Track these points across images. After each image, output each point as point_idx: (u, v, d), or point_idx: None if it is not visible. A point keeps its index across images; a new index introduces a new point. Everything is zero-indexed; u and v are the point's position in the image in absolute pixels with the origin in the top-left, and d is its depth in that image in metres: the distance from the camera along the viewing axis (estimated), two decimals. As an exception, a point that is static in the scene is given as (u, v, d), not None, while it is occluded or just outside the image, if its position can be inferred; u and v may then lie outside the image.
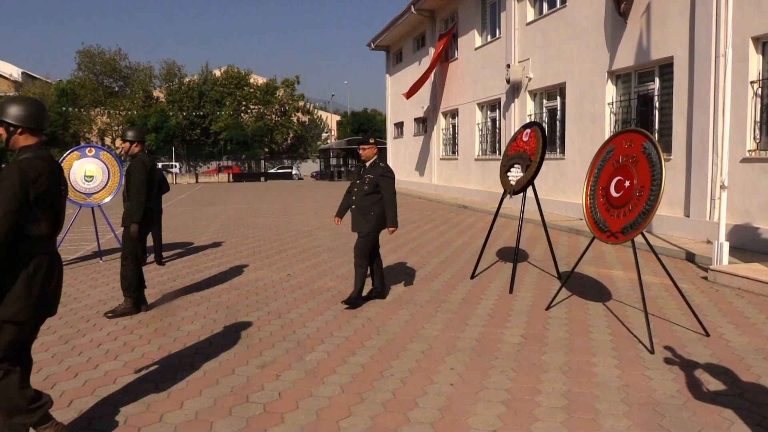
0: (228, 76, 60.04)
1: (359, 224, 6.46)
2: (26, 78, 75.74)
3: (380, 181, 6.36)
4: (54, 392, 4.22)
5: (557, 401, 3.96)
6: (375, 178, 6.33)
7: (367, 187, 6.34)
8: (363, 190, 6.33)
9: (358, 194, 6.36)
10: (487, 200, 18.79)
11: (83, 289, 7.65)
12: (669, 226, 10.83)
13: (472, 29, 20.50)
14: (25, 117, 3.12)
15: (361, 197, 6.36)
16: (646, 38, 11.57)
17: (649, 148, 5.36)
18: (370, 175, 6.36)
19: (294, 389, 4.23)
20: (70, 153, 9.71)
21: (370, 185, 6.34)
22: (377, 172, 6.38)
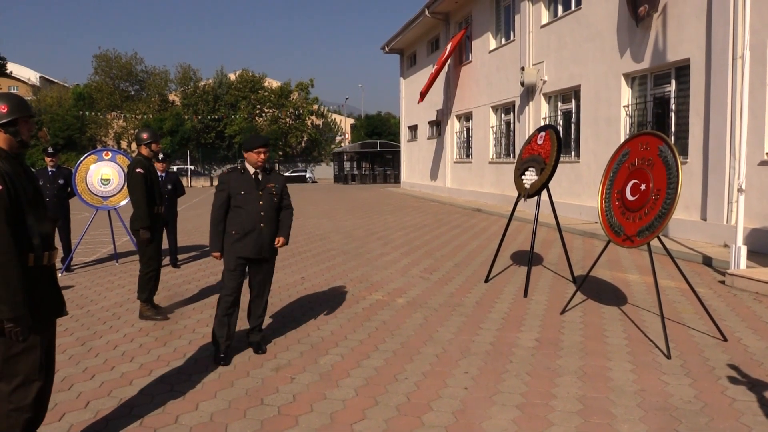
0: (243, 79, 60.37)
1: (269, 247, 5.17)
2: (44, 82, 76.70)
3: (285, 190, 5.33)
4: (71, 393, 4.26)
5: (572, 406, 3.93)
6: (281, 187, 5.23)
7: (276, 198, 5.17)
8: (272, 202, 5.14)
9: (266, 208, 5.08)
10: (501, 203, 18.73)
11: (99, 291, 7.72)
12: (686, 230, 10.73)
13: (487, 32, 20.46)
14: None
15: (271, 212, 5.13)
16: (662, 40, 11.49)
17: (666, 151, 5.32)
18: (274, 183, 5.18)
19: (308, 392, 4.24)
20: (87, 156, 9.81)
21: (278, 196, 5.20)
22: (281, 180, 5.29)
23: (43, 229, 3.04)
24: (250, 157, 5.06)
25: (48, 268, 3.09)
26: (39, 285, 3.02)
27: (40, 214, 3.05)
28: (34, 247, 2.98)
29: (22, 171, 3.03)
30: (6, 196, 2.85)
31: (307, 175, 53.28)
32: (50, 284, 3.12)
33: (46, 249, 3.05)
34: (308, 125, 62.41)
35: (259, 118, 60.02)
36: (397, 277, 8.25)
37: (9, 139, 3.04)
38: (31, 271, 2.97)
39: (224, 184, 5.00)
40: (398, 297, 7.09)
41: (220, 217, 5.00)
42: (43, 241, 3.03)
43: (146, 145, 6.60)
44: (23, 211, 2.93)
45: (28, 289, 2.91)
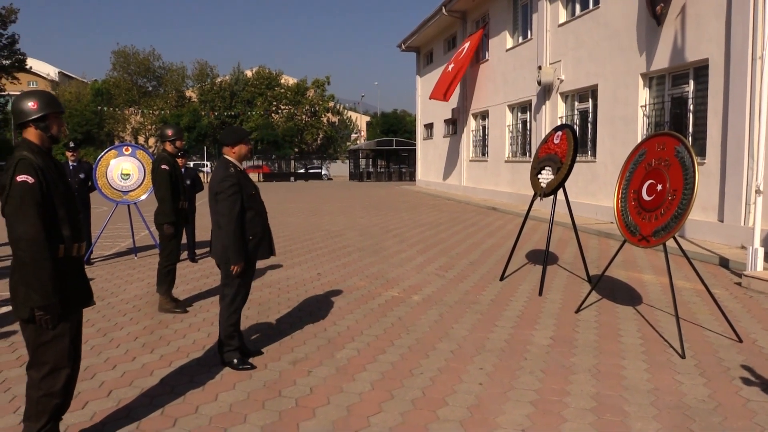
0: (259, 76, 60.70)
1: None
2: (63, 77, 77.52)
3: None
4: (94, 382, 4.37)
5: (586, 403, 3.97)
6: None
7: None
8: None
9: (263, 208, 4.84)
10: (516, 202, 18.71)
11: (119, 284, 7.86)
12: (703, 231, 10.68)
13: (504, 30, 20.43)
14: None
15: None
16: (681, 40, 11.43)
17: (682, 151, 5.33)
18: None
19: (325, 385, 4.31)
20: (108, 152, 9.97)
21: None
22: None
23: (73, 221, 3.14)
24: (241, 150, 4.69)
25: (77, 259, 3.20)
26: (68, 275, 3.12)
27: (71, 207, 3.14)
28: (64, 239, 3.07)
29: (53, 165, 3.13)
30: (38, 188, 2.95)
31: (323, 172, 53.40)
32: (79, 275, 3.22)
33: (75, 241, 3.15)
34: (324, 122, 62.63)
35: (276, 114, 60.30)
36: (413, 274, 8.31)
37: (40, 135, 3.14)
38: (61, 262, 3.07)
39: (238, 185, 4.54)
40: (414, 294, 7.15)
41: (240, 225, 4.52)
42: (73, 233, 3.13)
43: (171, 141, 6.71)
44: (54, 203, 3.03)
45: (58, 279, 3.01)
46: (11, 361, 4.85)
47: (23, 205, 2.91)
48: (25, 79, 60.60)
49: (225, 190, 4.50)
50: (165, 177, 6.45)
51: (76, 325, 3.23)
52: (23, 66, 47.03)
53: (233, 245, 4.49)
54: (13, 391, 4.21)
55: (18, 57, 45.58)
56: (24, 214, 2.91)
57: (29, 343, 3.08)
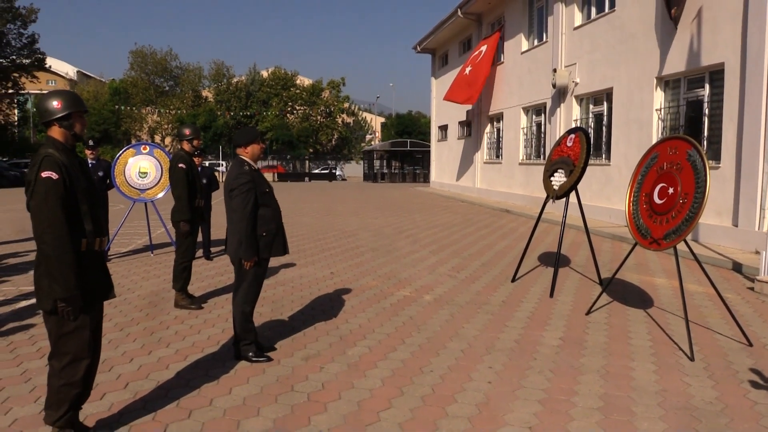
0: (275, 77, 61.04)
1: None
2: (81, 77, 78.40)
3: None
4: (111, 374, 4.48)
5: (593, 402, 4.02)
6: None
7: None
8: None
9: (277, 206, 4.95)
10: (530, 205, 18.71)
11: (136, 280, 7.99)
12: (717, 236, 10.65)
13: (519, 33, 20.44)
14: None
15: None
16: (697, 44, 11.40)
17: (694, 155, 5.36)
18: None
19: (336, 381, 4.39)
20: (126, 150, 10.13)
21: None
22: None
23: (95, 216, 3.25)
24: (254, 150, 4.82)
25: (99, 253, 3.30)
26: (90, 269, 3.22)
27: (93, 202, 3.25)
28: (86, 233, 3.18)
29: (76, 162, 3.24)
30: (61, 184, 3.06)
31: (337, 172, 53.56)
32: (100, 268, 3.32)
33: (97, 235, 3.26)
34: (339, 123, 62.85)
35: (291, 115, 60.60)
36: (425, 275, 8.37)
37: (64, 133, 3.25)
38: (84, 255, 3.18)
39: (252, 183, 4.65)
40: (425, 294, 7.22)
41: (253, 221, 4.64)
42: (95, 228, 3.23)
43: (188, 140, 6.83)
44: (77, 199, 3.14)
45: (80, 273, 3.12)
46: (32, 353, 4.98)
47: (47, 200, 3.02)
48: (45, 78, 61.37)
49: (239, 186, 4.63)
50: (182, 175, 6.57)
51: (97, 317, 3.34)
52: (43, 65, 47.59)
53: (245, 241, 4.61)
54: (33, 382, 4.34)
55: (38, 56, 46.13)
56: (48, 209, 3.01)
57: (51, 333, 3.20)
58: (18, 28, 44.45)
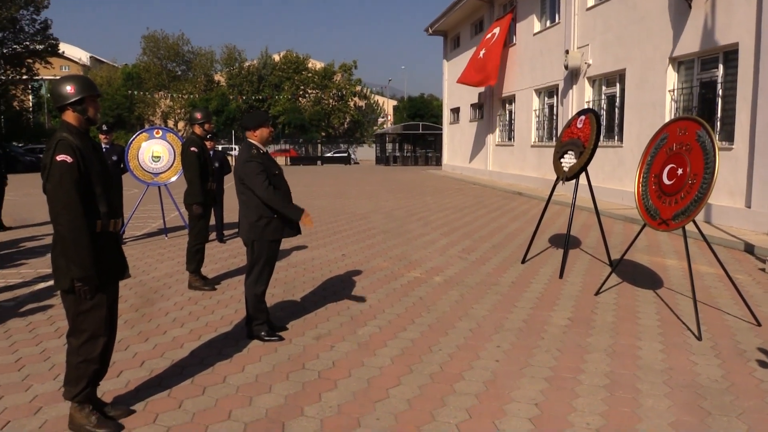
0: (287, 60, 60.98)
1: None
2: (94, 62, 78.75)
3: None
4: (128, 353, 4.60)
5: (599, 380, 4.08)
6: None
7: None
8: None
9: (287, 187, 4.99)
10: (542, 187, 18.67)
11: (150, 263, 8.12)
12: (729, 217, 10.61)
13: (531, 14, 20.27)
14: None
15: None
16: (711, 24, 11.27)
17: (703, 136, 5.35)
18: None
19: (347, 359, 4.48)
20: (139, 134, 10.23)
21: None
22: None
23: (109, 198, 3.33)
24: (263, 134, 4.86)
25: (113, 234, 3.39)
26: (105, 249, 3.31)
27: (107, 185, 3.34)
28: (101, 215, 3.27)
29: (90, 146, 3.32)
30: (76, 167, 3.14)
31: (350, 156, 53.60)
32: (115, 249, 3.41)
33: (112, 217, 3.34)
34: (351, 106, 62.79)
35: (303, 98, 60.60)
36: (436, 257, 8.43)
37: (78, 117, 3.33)
38: (99, 236, 3.27)
39: (263, 165, 4.72)
40: (436, 275, 7.29)
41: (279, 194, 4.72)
42: (109, 209, 3.32)
43: (200, 124, 6.91)
44: (92, 181, 3.22)
45: (95, 253, 3.21)
46: (50, 333, 5.11)
47: (62, 184, 3.10)
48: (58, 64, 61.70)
49: (251, 170, 4.69)
50: (194, 159, 6.65)
51: (113, 296, 3.44)
52: (56, 51, 47.85)
53: (286, 209, 4.72)
54: (52, 360, 4.46)
55: (51, 42, 46.37)
56: (63, 192, 3.10)
57: (69, 312, 3.30)
58: (31, 14, 44.67)
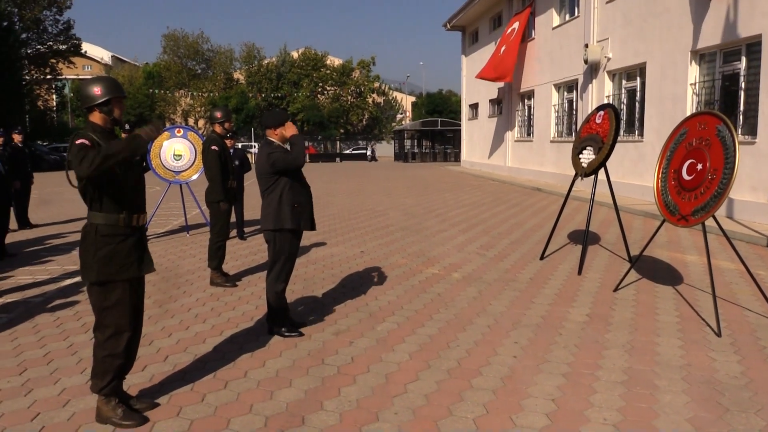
0: (305, 57, 61.14)
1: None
2: (116, 61, 79.67)
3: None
4: (152, 348, 4.71)
5: (617, 376, 4.09)
6: None
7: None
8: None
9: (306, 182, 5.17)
10: (561, 183, 18.56)
11: (173, 260, 8.26)
12: (752, 212, 10.49)
13: (550, 8, 20.13)
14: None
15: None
16: (733, 16, 11.13)
17: (724, 131, 5.31)
18: None
19: (365, 355, 4.54)
20: (161, 133, 10.37)
21: None
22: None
23: (134, 194, 3.44)
24: (287, 130, 4.92)
25: (139, 228, 3.49)
26: (130, 244, 3.41)
27: (131, 181, 3.44)
28: (126, 209, 3.37)
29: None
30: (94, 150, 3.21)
31: (368, 152, 53.64)
32: (140, 244, 3.51)
33: (136, 212, 3.45)
34: (369, 103, 62.78)
35: (321, 95, 60.74)
36: (454, 253, 8.46)
37: (104, 118, 3.43)
38: (125, 229, 3.37)
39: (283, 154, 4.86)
40: (454, 272, 7.32)
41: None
42: (134, 204, 3.43)
43: (220, 123, 7.01)
44: (117, 176, 3.32)
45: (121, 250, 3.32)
46: (77, 328, 5.24)
47: (82, 154, 3.09)
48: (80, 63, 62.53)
49: (279, 156, 4.79)
50: (215, 157, 6.75)
51: (139, 292, 3.54)
52: (78, 51, 48.46)
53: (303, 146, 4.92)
54: (79, 355, 4.58)
55: (73, 42, 46.98)
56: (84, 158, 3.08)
57: (95, 307, 3.40)
58: (54, 15, 45.27)
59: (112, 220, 3.35)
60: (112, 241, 3.35)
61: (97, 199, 3.33)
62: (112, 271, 3.34)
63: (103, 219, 3.34)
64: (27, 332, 5.16)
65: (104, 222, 3.34)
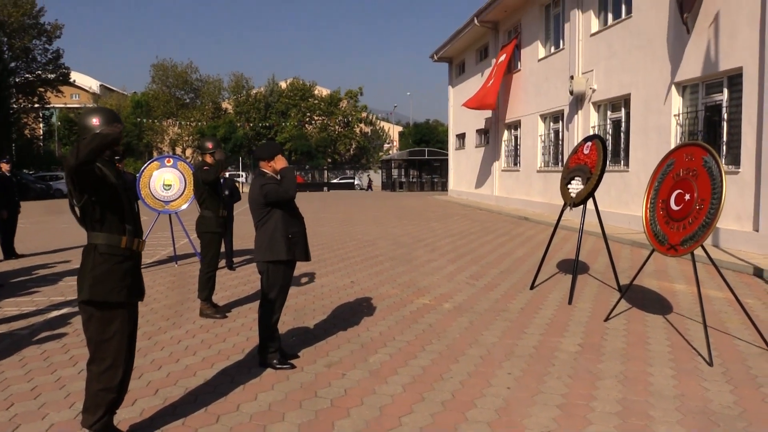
0: (293, 87, 61.62)
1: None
2: (104, 90, 79.72)
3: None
4: (141, 381, 4.64)
5: (611, 407, 4.09)
6: None
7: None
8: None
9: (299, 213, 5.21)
10: (548, 212, 18.70)
11: (161, 290, 8.18)
12: (737, 241, 10.61)
13: (536, 40, 20.51)
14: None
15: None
16: (714, 49, 11.40)
17: (710, 161, 5.41)
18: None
19: (359, 387, 4.51)
20: (150, 163, 10.37)
21: None
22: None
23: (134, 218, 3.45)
24: (277, 163, 4.95)
25: (136, 254, 3.49)
26: (128, 268, 3.41)
27: (131, 206, 3.46)
28: (127, 232, 3.38)
29: (114, 171, 3.44)
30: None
31: (356, 181, 53.78)
32: (136, 270, 3.50)
33: (136, 235, 3.46)
34: (357, 133, 63.19)
35: (309, 125, 61.07)
36: (444, 283, 8.46)
37: None
38: (124, 253, 3.38)
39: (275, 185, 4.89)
40: (445, 302, 7.31)
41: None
42: (134, 228, 3.44)
43: (211, 153, 7.02)
44: (120, 199, 3.34)
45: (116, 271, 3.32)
46: (65, 361, 5.16)
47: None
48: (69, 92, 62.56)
49: (272, 188, 4.82)
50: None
51: (134, 321, 3.51)
52: (67, 79, 48.61)
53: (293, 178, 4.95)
54: (67, 389, 4.51)
55: (62, 71, 47.12)
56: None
57: (92, 339, 3.36)
58: (43, 44, 45.45)
59: (113, 241, 3.36)
60: (110, 260, 3.34)
61: (98, 220, 3.33)
62: (103, 291, 3.32)
63: (104, 239, 3.34)
64: (13, 366, 5.07)
65: (105, 242, 3.35)
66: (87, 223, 3.36)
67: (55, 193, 35.64)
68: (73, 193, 3.28)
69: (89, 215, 3.33)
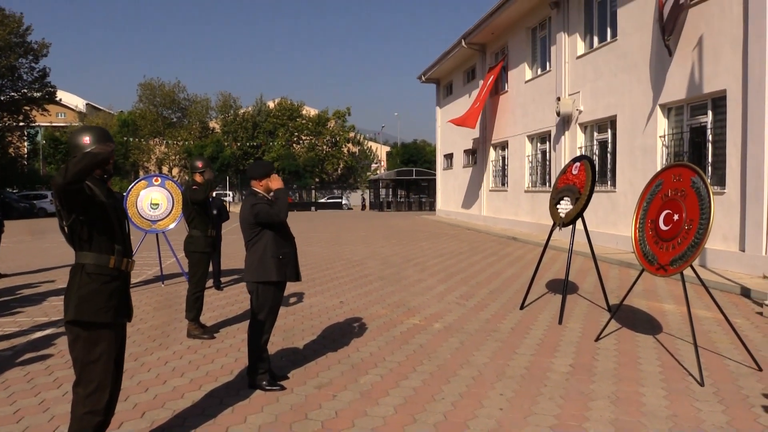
0: (281, 107, 61.76)
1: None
2: (90, 109, 79.40)
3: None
4: (128, 404, 4.55)
5: (604, 428, 4.06)
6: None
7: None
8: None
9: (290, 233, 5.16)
10: (536, 232, 18.77)
11: (148, 311, 8.08)
12: (724, 261, 10.68)
13: (523, 62, 20.73)
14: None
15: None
16: (699, 71, 11.57)
17: (698, 182, 5.45)
18: None
19: (350, 408, 4.45)
20: (138, 182, 10.30)
21: None
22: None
23: (123, 238, 3.40)
24: (273, 182, 4.92)
25: (125, 274, 3.43)
26: (116, 287, 3.35)
27: (121, 225, 3.41)
28: (116, 252, 3.33)
29: (105, 187, 3.39)
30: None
31: (343, 201, 53.78)
32: (125, 289, 3.45)
33: (125, 255, 3.40)
34: (345, 153, 63.32)
35: (297, 145, 61.15)
36: (434, 303, 8.43)
37: None
38: (113, 273, 3.33)
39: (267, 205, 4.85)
40: (435, 322, 7.27)
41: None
42: (123, 248, 3.38)
43: (200, 173, 6.99)
44: (110, 218, 3.29)
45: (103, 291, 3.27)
46: (48, 383, 5.05)
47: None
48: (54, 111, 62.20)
49: (262, 208, 4.77)
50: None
51: (121, 342, 3.45)
52: (53, 98, 48.28)
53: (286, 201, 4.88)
54: (51, 411, 4.41)
55: (48, 90, 46.83)
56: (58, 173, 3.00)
57: (77, 361, 3.29)
58: (30, 62, 45.19)
59: (101, 261, 3.30)
60: (97, 280, 3.28)
61: (86, 239, 3.27)
62: (89, 311, 3.25)
63: (92, 259, 3.28)
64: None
65: (93, 262, 3.29)
66: (75, 242, 3.31)
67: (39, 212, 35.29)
68: (62, 212, 3.22)
69: (77, 234, 3.28)
